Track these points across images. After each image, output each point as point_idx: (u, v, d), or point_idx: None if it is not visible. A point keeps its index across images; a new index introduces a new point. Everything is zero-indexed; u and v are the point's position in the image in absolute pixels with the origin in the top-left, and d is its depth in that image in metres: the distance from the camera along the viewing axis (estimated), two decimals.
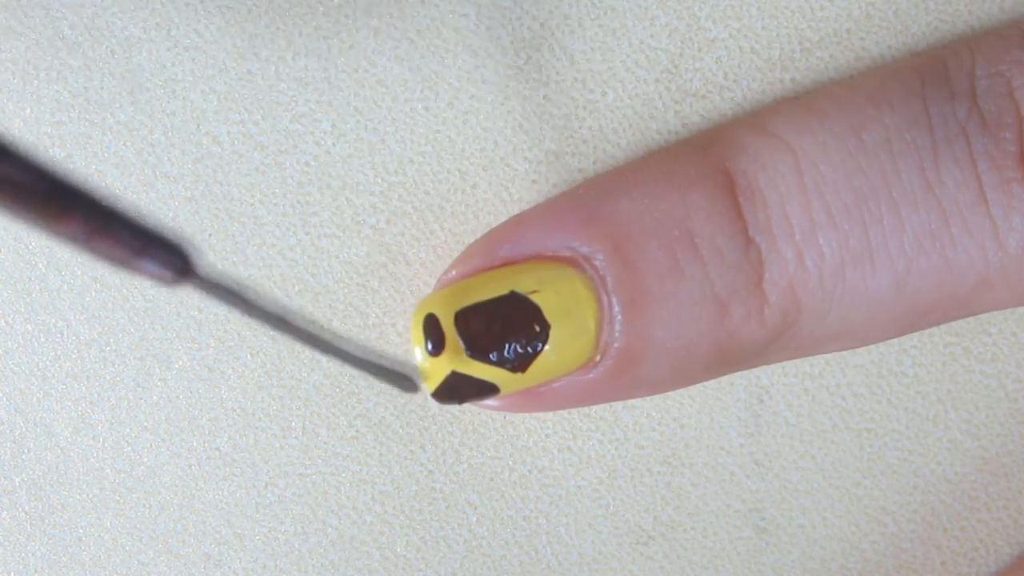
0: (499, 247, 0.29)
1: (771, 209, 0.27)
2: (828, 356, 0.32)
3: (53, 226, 0.17)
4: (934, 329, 0.31)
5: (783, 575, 0.33)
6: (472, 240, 0.30)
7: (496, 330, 0.27)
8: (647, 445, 0.32)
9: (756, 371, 0.32)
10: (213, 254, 0.30)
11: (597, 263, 0.28)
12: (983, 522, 0.32)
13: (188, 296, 0.31)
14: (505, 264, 0.28)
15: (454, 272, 0.29)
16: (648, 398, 0.32)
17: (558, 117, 0.30)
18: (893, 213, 0.27)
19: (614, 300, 0.28)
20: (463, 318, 0.27)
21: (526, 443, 0.32)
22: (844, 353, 0.32)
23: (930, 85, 0.28)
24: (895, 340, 0.31)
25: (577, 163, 0.30)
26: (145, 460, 0.32)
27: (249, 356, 0.31)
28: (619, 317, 0.28)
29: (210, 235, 0.30)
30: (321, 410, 0.31)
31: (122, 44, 0.30)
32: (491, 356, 0.27)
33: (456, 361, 0.27)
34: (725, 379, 0.32)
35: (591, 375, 0.28)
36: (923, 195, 0.27)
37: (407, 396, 0.31)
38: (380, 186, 0.30)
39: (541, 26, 0.30)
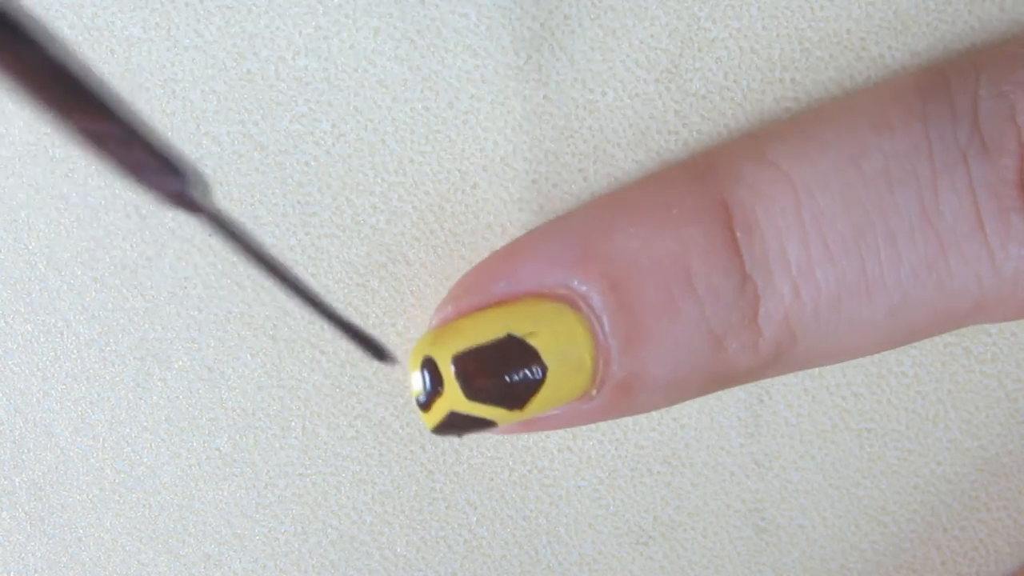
0: (494, 284, 0.29)
1: (768, 244, 0.28)
2: None
3: (81, 121, 0.17)
4: None
5: (783, 575, 0.33)
6: (471, 240, 0.30)
7: (494, 373, 0.28)
8: (647, 445, 0.32)
9: None
10: (212, 254, 0.31)
11: (594, 303, 0.28)
12: (983, 522, 0.33)
13: (188, 297, 0.31)
14: (500, 302, 0.29)
15: (450, 308, 0.29)
16: None
17: (558, 117, 0.30)
18: (890, 245, 0.27)
19: (611, 338, 0.28)
20: (461, 362, 0.28)
21: (526, 443, 0.32)
22: None
23: (932, 105, 0.28)
24: None
25: (577, 163, 0.30)
26: (145, 460, 0.32)
27: (249, 356, 0.31)
28: (615, 355, 0.28)
29: (210, 235, 0.31)
30: (321, 410, 0.31)
31: (122, 44, 0.30)
32: (490, 398, 0.28)
33: (455, 402, 0.28)
34: None
35: (587, 406, 0.29)
36: (921, 226, 0.27)
37: (407, 396, 0.31)
38: (380, 186, 0.30)
39: (541, 26, 0.30)
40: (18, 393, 0.32)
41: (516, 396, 0.28)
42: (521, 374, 0.28)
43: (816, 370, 0.32)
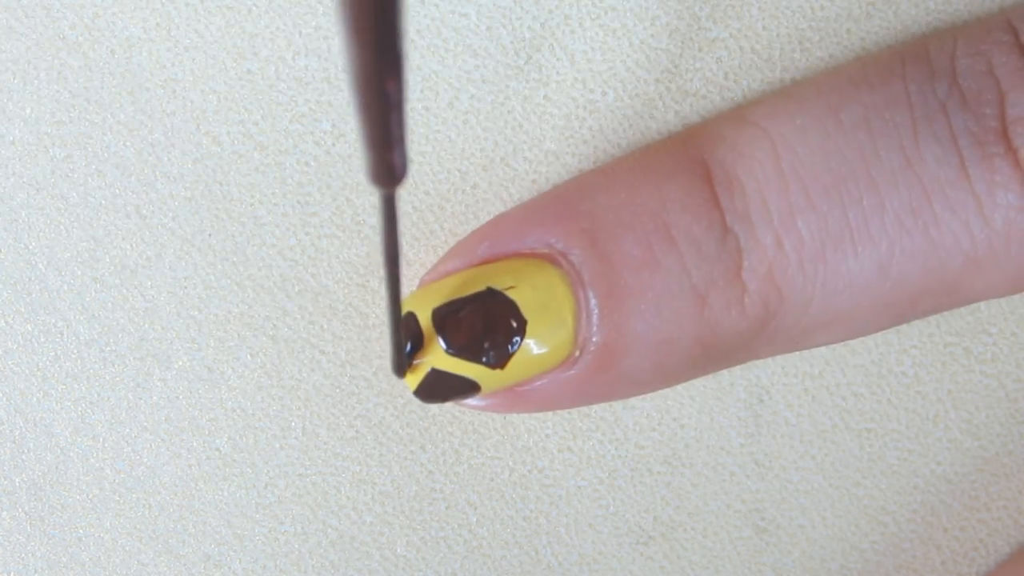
0: (477, 247, 0.29)
1: (749, 197, 0.28)
2: (828, 356, 0.32)
3: (380, 79, 0.17)
4: (934, 329, 0.32)
5: (783, 575, 0.33)
6: None
7: (474, 326, 0.28)
8: (647, 445, 0.32)
9: (756, 371, 0.32)
10: (213, 254, 0.31)
11: (573, 258, 0.28)
12: (983, 522, 0.33)
13: (188, 297, 0.31)
14: (484, 263, 0.29)
15: (435, 271, 0.29)
16: (648, 398, 0.32)
17: (558, 117, 0.30)
18: (873, 192, 0.27)
19: (591, 294, 0.28)
20: (441, 316, 0.28)
21: (526, 443, 0.32)
22: (844, 353, 0.32)
23: (910, 65, 0.28)
24: (895, 340, 0.32)
25: (577, 163, 0.30)
26: (145, 460, 0.32)
27: (249, 356, 0.31)
28: (596, 311, 0.28)
29: (210, 235, 0.31)
30: (321, 410, 0.32)
31: (122, 44, 0.30)
32: (470, 352, 0.28)
33: (436, 358, 0.28)
34: (725, 379, 0.32)
35: (572, 371, 0.28)
36: (903, 173, 0.27)
37: (407, 396, 0.31)
38: None
39: (541, 26, 0.30)
40: (18, 393, 0.32)
41: (497, 353, 0.28)
42: (501, 328, 0.28)
43: (816, 370, 0.32)
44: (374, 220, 0.31)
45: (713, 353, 0.29)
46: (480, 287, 0.28)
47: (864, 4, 0.30)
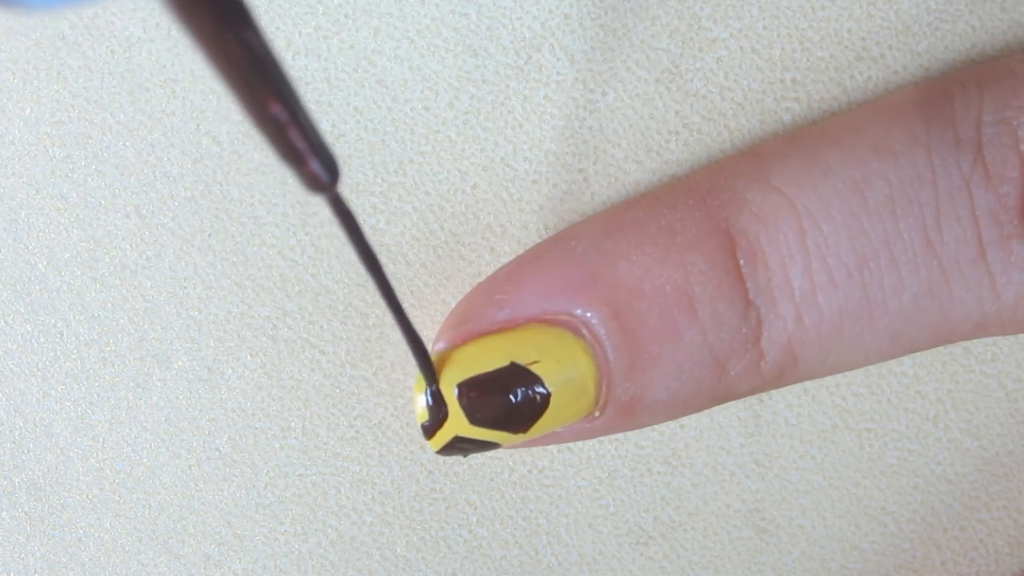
0: (496, 311, 0.29)
1: (772, 271, 0.28)
2: None
3: (260, 105, 0.18)
4: None
5: (783, 575, 0.33)
6: (471, 241, 0.31)
7: (498, 401, 0.28)
8: (647, 445, 0.32)
9: None
10: (212, 254, 0.31)
11: (596, 330, 0.28)
12: (983, 522, 0.33)
13: (188, 297, 0.31)
14: (503, 328, 0.29)
15: (454, 334, 0.29)
16: None
17: (558, 117, 0.31)
18: (893, 273, 0.28)
19: (614, 366, 0.28)
20: (465, 390, 0.28)
21: None
22: None
23: (935, 132, 0.28)
24: None
25: (577, 163, 0.31)
26: (145, 460, 0.32)
27: (249, 356, 0.32)
28: (618, 380, 0.28)
29: (210, 235, 0.31)
30: (321, 410, 0.32)
31: (122, 44, 0.30)
32: (494, 424, 0.28)
33: (461, 429, 0.28)
34: None
35: (590, 425, 0.29)
36: (924, 254, 0.28)
37: (407, 396, 0.32)
38: (380, 186, 0.31)
39: (541, 26, 0.30)
40: (18, 393, 0.32)
41: (520, 421, 0.28)
42: (525, 401, 0.28)
43: None
44: (373, 220, 0.31)
45: (724, 401, 0.30)
46: (503, 361, 0.28)
47: (865, 4, 0.30)
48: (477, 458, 0.32)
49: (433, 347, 0.30)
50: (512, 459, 0.32)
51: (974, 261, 0.27)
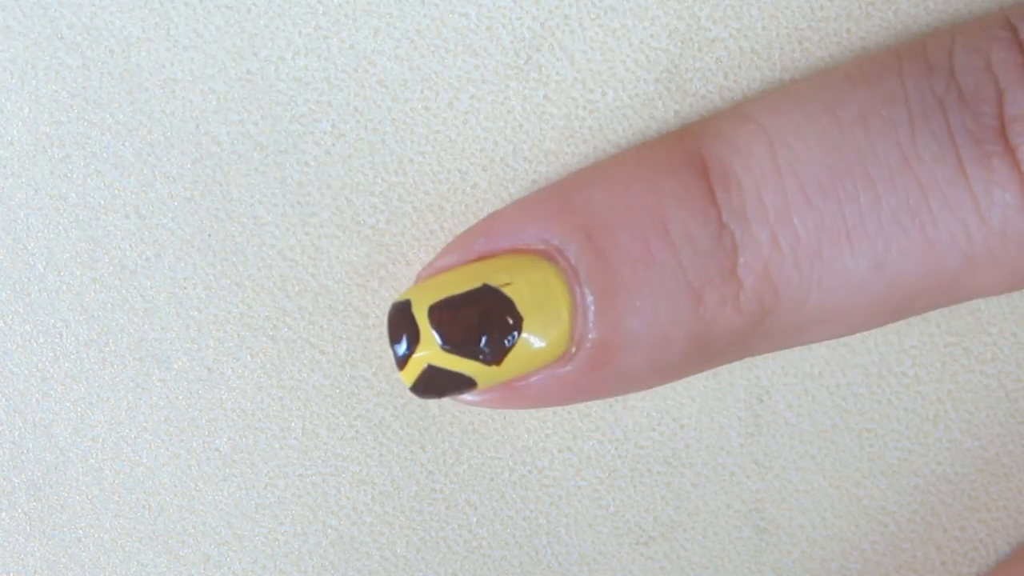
0: (474, 242, 0.30)
1: (745, 193, 0.28)
2: (828, 355, 0.32)
3: None
4: (934, 329, 0.32)
5: (783, 575, 0.34)
6: None
7: (469, 323, 0.28)
8: (647, 445, 0.33)
9: (756, 371, 0.33)
10: (212, 254, 0.32)
11: (569, 254, 0.29)
12: (983, 522, 0.33)
13: (188, 297, 0.32)
14: (480, 259, 0.30)
15: (431, 267, 0.30)
16: (647, 398, 0.33)
17: (558, 117, 0.31)
18: (869, 190, 0.28)
19: (587, 291, 0.29)
20: (436, 312, 0.29)
21: (526, 443, 0.33)
22: (844, 353, 0.32)
23: (907, 62, 0.28)
24: (895, 340, 0.32)
25: (577, 163, 0.31)
26: (144, 461, 0.32)
27: (249, 357, 0.32)
28: (592, 307, 0.29)
29: (209, 235, 0.31)
30: (321, 411, 0.32)
31: (121, 44, 0.31)
32: (466, 349, 0.29)
33: (432, 355, 0.29)
34: (725, 379, 0.33)
35: (568, 368, 0.29)
36: (900, 171, 0.28)
37: (407, 396, 0.32)
38: (380, 186, 0.31)
39: (541, 26, 0.31)
40: (17, 393, 0.32)
41: (493, 349, 0.29)
42: (497, 325, 0.28)
43: (816, 370, 0.33)
44: (373, 220, 0.31)
45: (708, 349, 0.29)
46: (475, 283, 0.29)
47: (864, 4, 0.31)
48: (477, 458, 0.33)
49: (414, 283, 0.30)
50: (512, 459, 0.33)
51: (954, 180, 0.27)
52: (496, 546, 0.33)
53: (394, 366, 0.32)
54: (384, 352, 0.32)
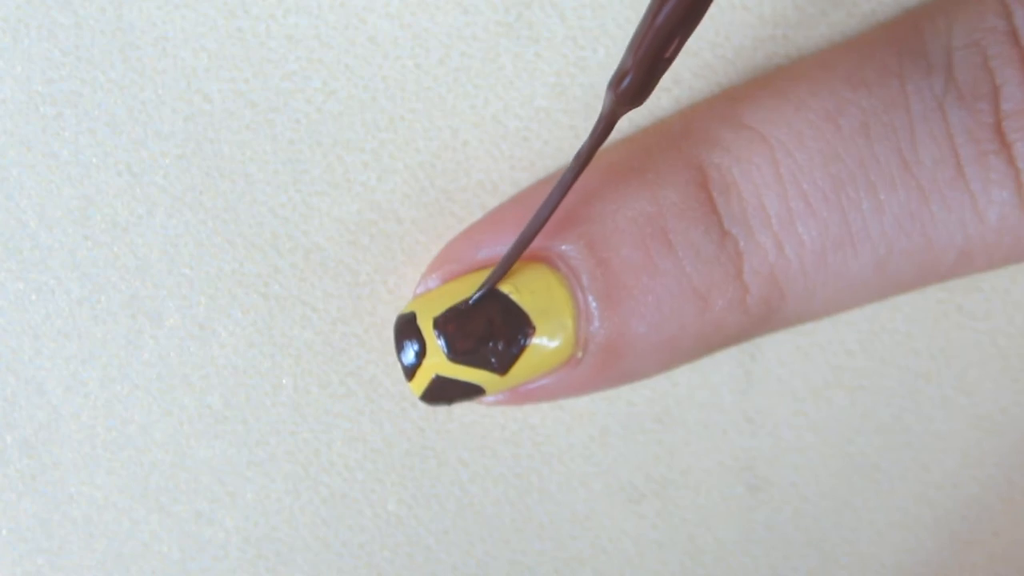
0: (475, 251, 0.30)
1: (747, 201, 0.29)
2: None
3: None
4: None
5: (775, 532, 0.34)
6: (462, 198, 0.31)
7: (475, 332, 0.29)
8: (639, 403, 0.33)
9: None
10: (204, 212, 0.32)
11: (572, 262, 0.29)
12: (975, 479, 0.34)
13: (179, 255, 0.32)
14: (482, 267, 0.30)
15: (433, 276, 0.30)
16: None
17: (549, 74, 0.31)
18: (872, 196, 0.28)
19: (590, 296, 0.29)
20: (442, 322, 0.29)
21: None
22: None
23: (907, 61, 0.29)
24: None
25: (568, 120, 0.31)
26: (136, 418, 0.33)
27: (240, 314, 0.32)
28: (596, 313, 0.29)
29: (201, 193, 0.32)
30: (312, 367, 0.32)
31: (112, 2, 0.31)
32: (473, 358, 0.29)
33: (439, 364, 0.29)
34: None
35: (576, 371, 0.30)
36: (901, 176, 0.28)
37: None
38: (371, 143, 0.31)
39: None
40: (9, 351, 0.32)
41: (500, 359, 0.29)
42: (503, 334, 0.29)
43: (808, 327, 0.33)
44: (364, 177, 0.32)
45: (714, 345, 0.30)
46: (480, 293, 0.29)
47: None
48: (469, 416, 0.33)
49: (415, 292, 0.31)
50: (504, 416, 0.33)
51: (953, 181, 0.28)
52: (488, 504, 0.34)
53: (388, 325, 0.32)
54: (375, 309, 0.32)
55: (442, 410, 0.33)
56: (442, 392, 0.30)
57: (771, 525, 0.34)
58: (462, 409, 0.33)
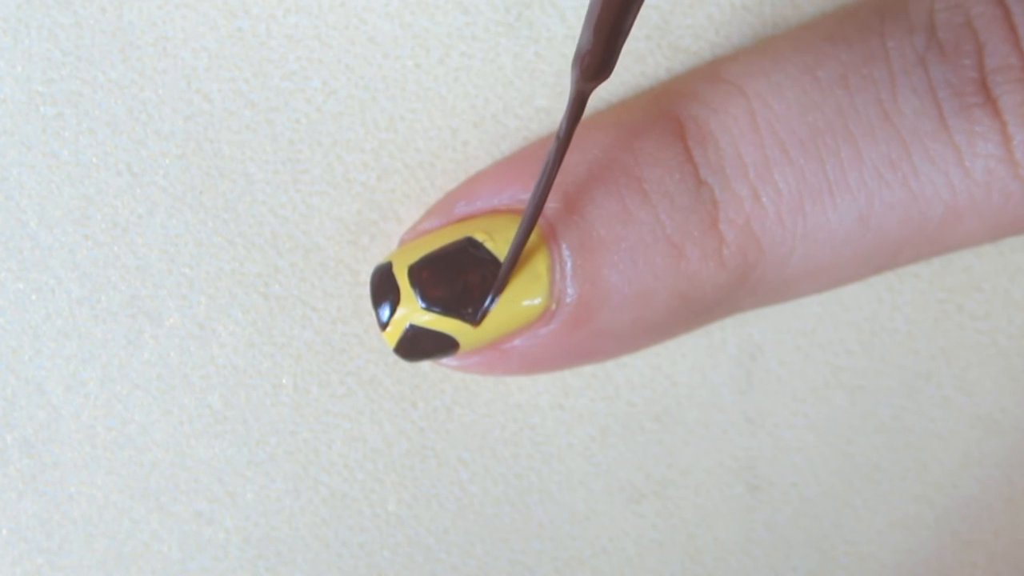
0: (454, 206, 0.31)
1: (723, 150, 0.29)
2: (820, 312, 0.33)
3: None
4: (926, 285, 0.33)
5: (775, 532, 0.34)
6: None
7: (448, 278, 0.29)
8: (639, 402, 0.34)
9: (748, 328, 0.33)
10: (204, 211, 0.32)
11: (546, 210, 0.29)
12: (975, 479, 0.34)
13: (179, 254, 0.32)
14: (459, 220, 0.30)
15: (412, 233, 0.31)
16: (639, 355, 0.33)
17: (549, 74, 0.32)
18: (851, 145, 0.28)
19: (564, 247, 0.29)
20: (416, 270, 0.29)
21: (518, 401, 0.33)
22: (836, 310, 0.33)
23: (889, 21, 0.29)
24: (887, 297, 0.33)
25: None
26: (136, 418, 0.33)
27: (240, 313, 0.33)
28: (570, 263, 0.29)
29: (201, 193, 0.32)
30: (312, 367, 0.33)
31: (112, 2, 0.31)
32: (446, 306, 0.29)
33: (413, 313, 0.29)
34: (717, 336, 0.33)
35: (550, 327, 0.30)
36: (881, 126, 0.28)
37: None
38: (371, 143, 0.32)
39: None
40: (9, 351, 0.33)
41: (473, 307, 0.29)
42: (476, 281, 0.29)
43: (809, 327, 0.33)
44: (364, 177, 0.32)
45: (694, 306, 0.30)
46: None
47: None
48: (469, 415, 0.34)
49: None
50: (504, 416, 0.34)
51: (936, 133, 0.28)
52: (487, 504, 0.34)
53: None
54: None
55: (442, 410, 0.33)
56: (416, 344, 0.30)
57: (771, 525, 0.34)
58: (462, 409, 0.34)
